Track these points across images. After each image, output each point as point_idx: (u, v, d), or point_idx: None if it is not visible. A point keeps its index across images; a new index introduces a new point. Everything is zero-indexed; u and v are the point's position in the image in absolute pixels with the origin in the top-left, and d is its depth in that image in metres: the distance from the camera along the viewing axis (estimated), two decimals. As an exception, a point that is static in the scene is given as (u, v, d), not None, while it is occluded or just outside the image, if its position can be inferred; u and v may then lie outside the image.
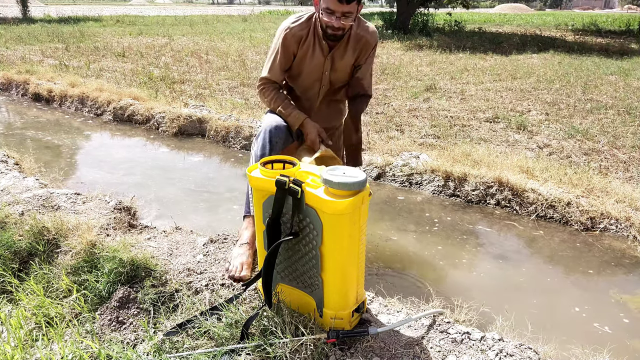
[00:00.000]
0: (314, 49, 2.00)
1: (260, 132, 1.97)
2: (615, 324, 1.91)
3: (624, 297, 2.08)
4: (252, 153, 1.98)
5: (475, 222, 2.79)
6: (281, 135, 1.95)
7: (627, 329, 1.88)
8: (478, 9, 45.87)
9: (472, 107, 5.20)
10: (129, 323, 1.72)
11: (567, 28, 16.83)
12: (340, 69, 2.07)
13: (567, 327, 1.88)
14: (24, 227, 2.16)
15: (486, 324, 1.73)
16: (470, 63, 8.27)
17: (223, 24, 18.41)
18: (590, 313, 1.98)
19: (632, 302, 2.04)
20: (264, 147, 1.92)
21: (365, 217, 1.41)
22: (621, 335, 1.83)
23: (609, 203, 2.71)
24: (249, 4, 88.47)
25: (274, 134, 1.94)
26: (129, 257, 1.87)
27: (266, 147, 1.92)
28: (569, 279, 2.24)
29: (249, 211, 2.02)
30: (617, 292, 2.12)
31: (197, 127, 4.57)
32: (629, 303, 2.04)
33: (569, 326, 1.89)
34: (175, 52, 9.85)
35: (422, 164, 3.32)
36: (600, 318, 1.94)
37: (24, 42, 10.99)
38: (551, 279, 2.24)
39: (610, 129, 4.31)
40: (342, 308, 1.45)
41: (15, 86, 6.54)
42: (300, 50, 2.01)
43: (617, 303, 2.04)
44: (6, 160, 3.22)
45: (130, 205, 2.49)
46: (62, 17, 20.23)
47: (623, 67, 7.75)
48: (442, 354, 1.45)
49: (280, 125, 1.97)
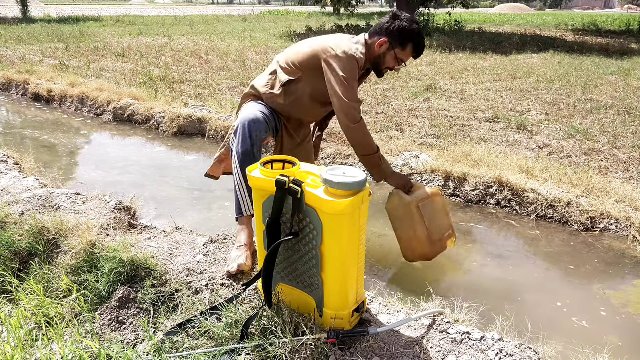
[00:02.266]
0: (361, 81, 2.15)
1: (238, 127, 1.91)
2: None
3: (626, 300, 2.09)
4: (233, 150, 1.93)
5: (475, 222, 2.79)
6: (260, 129, 1.92)
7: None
8: (478, 9, 45.87)
9: (472, 107, 5.20)
10: (129, 323, 1.72)
11: (567, 28, 16.83)
12: None
13: (567, 328, 1.88)
14: (24, 227, 2.16)
15: (486, 324, 1.73)
16: (470, 63, 8.26)
17: (223, 24, 18.41)
18: (590, 313, 1.98)
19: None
20: (244, 142, 1.88)
21: (365, 217, 1.41)
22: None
23: (609, 203, 2.71)
24: (249, 4, 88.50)
25: (253, 128, 1.90)
26: (129, 257, 1.87)
27: (247, 141, 1.88)
28: (569, 279, 2.24)
29: (240, 212, 1.98)
30: (619, 293, 2.12)
31: (197, 127, 4.57)
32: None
33: (569, 328, 1.89)
34: (175, 52, 9.85)
35: (422, 164, 3.32)
36: (603, 322, 1.94)
37: (24, 42, 10.99)
38: (551, 278, 2.24)
39: (610, 129, 4.31)
40: (342, 308, 1.45)
41: (15, 86, 6.54)
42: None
43: (619, 306, 2.04)
44: (6, 160, 3.22)
45: (130, 205, 2.49)
46: (62, 17, 20.24)
47: (623, 67, 7.75)
48: (442, 354, 1.45)
49: (258, 118, 1.92)
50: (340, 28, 14.46)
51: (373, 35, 2.05)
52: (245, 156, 1.89)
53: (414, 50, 2.06)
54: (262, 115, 1.96)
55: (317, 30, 14.69)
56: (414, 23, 2.03)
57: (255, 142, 1.89)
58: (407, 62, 2.08)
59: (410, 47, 2.04)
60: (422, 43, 2.06)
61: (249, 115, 1.93)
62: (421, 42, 2.06)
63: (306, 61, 2.01)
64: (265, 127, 1.95)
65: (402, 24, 2.00)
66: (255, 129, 1.90)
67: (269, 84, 2.09)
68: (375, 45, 2.03)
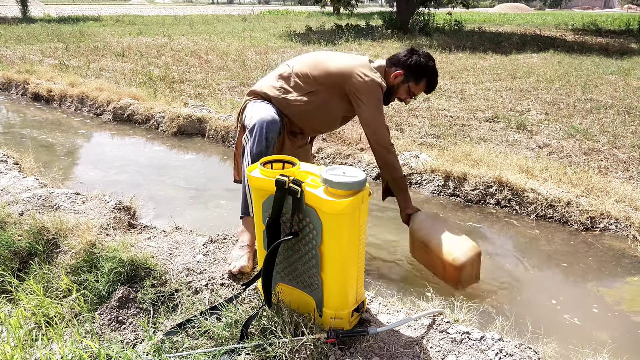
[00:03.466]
0: None
1: (256, 127, 1.88)
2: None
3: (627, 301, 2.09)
4: (247, 149, 1.91)
5: (475, 222, 2.79)
6: (276, 130, 1.90)
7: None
8: (478, 8, 45.87)
9: (472, 107, 5.20)
10: (129, 323, 1.72)
11: (567, 28, 16.83)
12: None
13: (562, 326, 1.88)
14: (24, 227, 2.16)
15: (486, 324, 1.73)
16: (470, 63, 8.26)
17: (223, 24, 18.41)
18: (593, 315, 1.98)
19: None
20: (260, 143, 1.86)
21: (366, 217, 1.41)
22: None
23: (609, 203, 2.71)
24: (249, 4, 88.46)
25: (271, 129, 1.88)
26: (129, 257, 1.87)
27: (262, 143, 1.86)
28: (569, 279, 2.24)
29: (247, 212, 1.98)
30: (620, 293, 2.12)
31: (197, 127, 4.57)
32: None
33: (564, 325, 1.89)
34: (175, 52, 9.85)
35: (422, 164, 3.32)
36: (606, 323, 1.94)
37: (24, 42, 10.99)
38: (551, 278, 2.24)
39: (610, 129, 4.31)
40: (342, 308, 1.45)
41: (15, 86, 6.54)
42: None
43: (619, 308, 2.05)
44: (6, 160, 3.22)
45: (130, 205, 2.49)
46: (62, 17, 20.24)
47: (623, 67, 7.75)
48: (442, 354, 1.45)
49: (275, 119, 1.91)
50: (340, 28, 14.45)
51: (390, 66, 2.16)
52: (260, 157, 1.81)
53: (427, 86, 2.18)
54: (278, 118, 1.95)
55: (317, 30, 14.69)
56: (431, 60, 2.15)
57: (270, 144, 1.88)
58: (418, 96, 2.15)
59: (424, 82, 2.16)
60: (435, 81, 2.19)
61: (267, 116, 1.91)
62: (435, 80, 2.18)
63: (329, 79, 2.05)
64: (280, 129, 1.96)
65: (420, 59, 2.13)
66: (272, 129, 1.88)
67: (283, 89, 2.10)
68: (392, 77, 2.14)
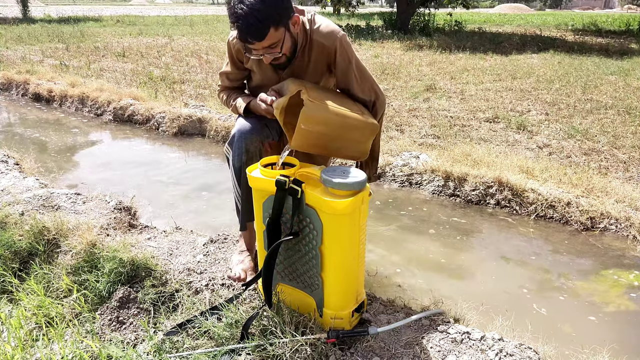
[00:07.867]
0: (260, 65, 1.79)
1: (235, 138, 1.73)
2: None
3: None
4: (230, 163, 1.78)
5: (475, 222, 2.79)
6: (257, 140, 1.73)
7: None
8: (478, 9, 45.83)
9: (472, 107, 5.20)
10: (129, 323, 1.72)
11: (567, 28, 16.82)
12: (310, 79, 1.78)
13: (567, 331, 1.88)
14: (24, 227, 2.16)
15: (486, 324, 1.73)
16: (470, 63, 8.26)
17: (223, 24, 18.40)
18: (593, 316, 1.98)
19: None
20: (239, 157, 1.72)
21: (365, 217, 1.41)
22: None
23: (608, 203, 2.71)
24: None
25: (250, 139, 1.71)
26: (129, 257, 1.87)
27: (242, 157, 1.71)
28: (569, 279, 2.24)
29: (244, 227, 1.90)
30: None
31: (197, 127, 4.57)
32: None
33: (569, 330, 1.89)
34: (176, 52, 9.85)
35: (422, 164, 3.32)
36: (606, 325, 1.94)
37: (24, 42, 10.98)
38: (551, 278, 2.24)
39: (610, 129, 4.31)
40: (342, 308, 1.45)
41: (16, 86, 6.54)
42: (251, 62, 1.81)
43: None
44: (6, 160, 3.22)
45: (130, 205, 2.49)
46: (62, 17, 20.24)
47: (623, 67, 7.74)
48: (442, 354, 1.45)
49: (255, 128, 1.73)
50: (340, 28, 14.44)
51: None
52: (242, 170, 1.73)
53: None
54: (259, 126, 1.76)
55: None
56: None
57: (252, 155, 1.72)
58: (254, 50, 1.57)
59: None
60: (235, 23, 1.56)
61: (245, 126, 1.73)
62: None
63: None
64: (265, 137, 1.79)
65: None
66: (253, 140, 1.72)
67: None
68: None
